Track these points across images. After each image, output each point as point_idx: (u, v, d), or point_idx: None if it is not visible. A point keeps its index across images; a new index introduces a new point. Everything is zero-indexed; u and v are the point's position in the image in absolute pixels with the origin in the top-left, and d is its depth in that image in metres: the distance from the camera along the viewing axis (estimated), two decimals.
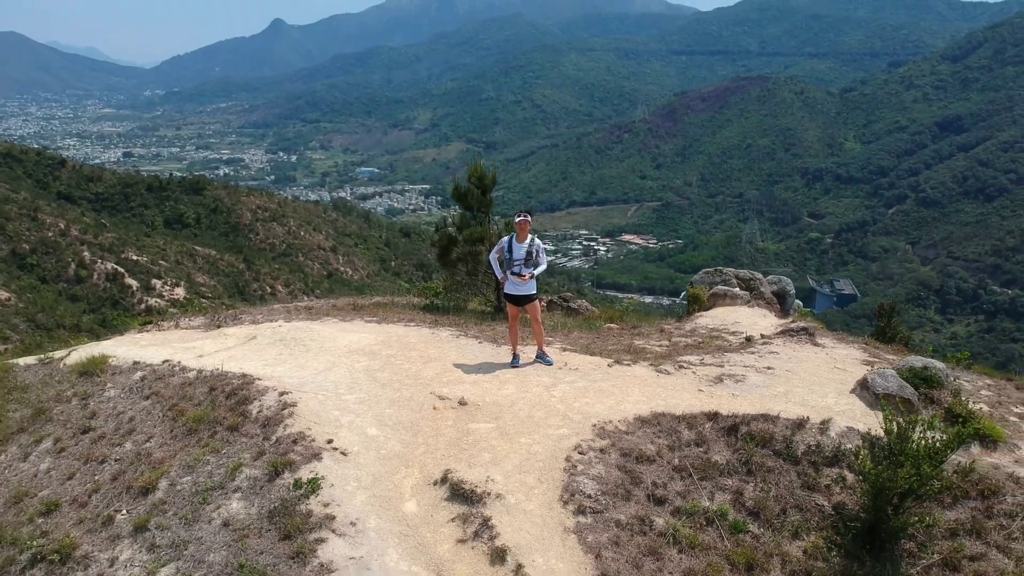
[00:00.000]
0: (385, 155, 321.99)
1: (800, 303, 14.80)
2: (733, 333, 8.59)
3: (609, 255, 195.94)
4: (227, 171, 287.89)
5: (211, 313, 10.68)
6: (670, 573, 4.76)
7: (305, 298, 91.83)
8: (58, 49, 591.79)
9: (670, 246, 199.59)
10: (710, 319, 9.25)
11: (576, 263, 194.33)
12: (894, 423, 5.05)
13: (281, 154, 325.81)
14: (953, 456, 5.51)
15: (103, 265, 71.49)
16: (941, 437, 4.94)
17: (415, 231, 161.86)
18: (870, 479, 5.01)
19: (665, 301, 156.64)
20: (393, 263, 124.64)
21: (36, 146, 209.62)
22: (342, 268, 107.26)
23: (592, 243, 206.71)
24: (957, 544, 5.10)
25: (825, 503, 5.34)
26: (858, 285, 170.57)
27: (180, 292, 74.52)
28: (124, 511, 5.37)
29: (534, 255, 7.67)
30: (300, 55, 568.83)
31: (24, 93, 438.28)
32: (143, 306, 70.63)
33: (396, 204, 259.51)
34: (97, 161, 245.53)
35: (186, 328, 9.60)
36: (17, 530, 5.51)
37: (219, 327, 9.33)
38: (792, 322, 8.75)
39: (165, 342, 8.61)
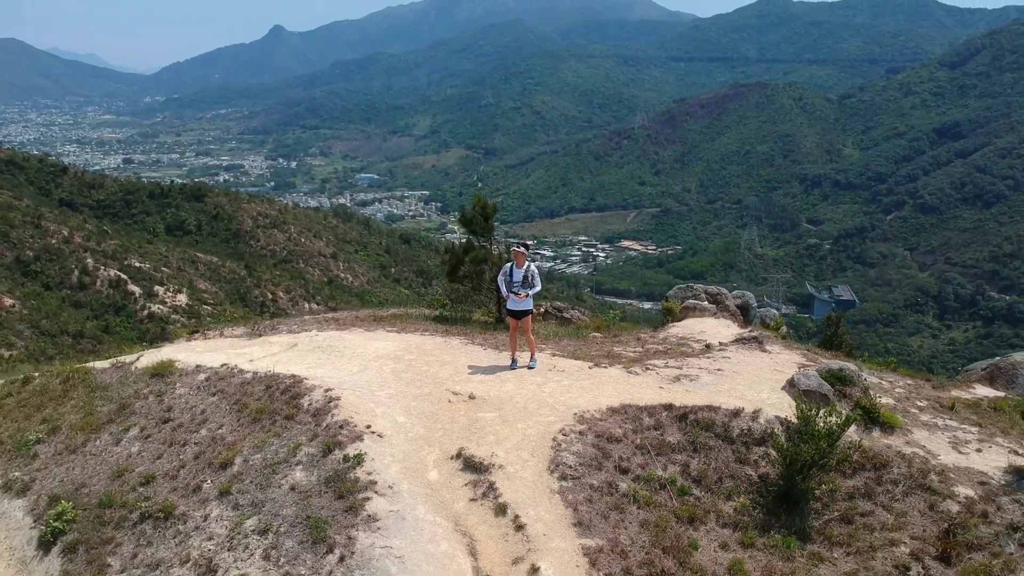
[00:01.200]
0: (385, 161, 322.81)
1: (776, 312, 16.31)
2: (697, 341, 10.17)
3: (608, 261, 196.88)
4: (227, 177, 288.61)
5: (251, 324, 12.22)
6: (629, 523, 6.31)
7: (307, 305, 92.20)
8: (58, 55, 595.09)
9: (669, 252, 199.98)
10: (680, 329, 10.85)
11: (575, 269, 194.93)
12: (803, 411, 6.65)
13: (281, 160, 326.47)
14: (856, 438, 7.12)
15: (106, 272, 71.99)
16: (837, 422, 6.52)
17: (415, 238, 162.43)
18: (784, 454, 6.57)
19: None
20: (393, 269, 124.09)
21: (36, 152, 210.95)
22: (342, 275, 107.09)
23: (591, 249, 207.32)
24: (852, 504, 6.65)
25: (752, 473, 6.89)
26: (857, 291, 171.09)
27: (182, 299, 74.09)
28: (209, 481, 6.88)
29: (530, 279, 9.27)
30: (300, 61, 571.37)
31: (24, 99, 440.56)
32: (146, 313, 70.49)
33: (396, 210, 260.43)
34: (97, 167, 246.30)
35: (230, 337, 11.12)
36: (124, 496, 7.04)
37: (260, 336, 10.87)
38: (748, 332, 10.32)
39: (217, 349, 10.13)
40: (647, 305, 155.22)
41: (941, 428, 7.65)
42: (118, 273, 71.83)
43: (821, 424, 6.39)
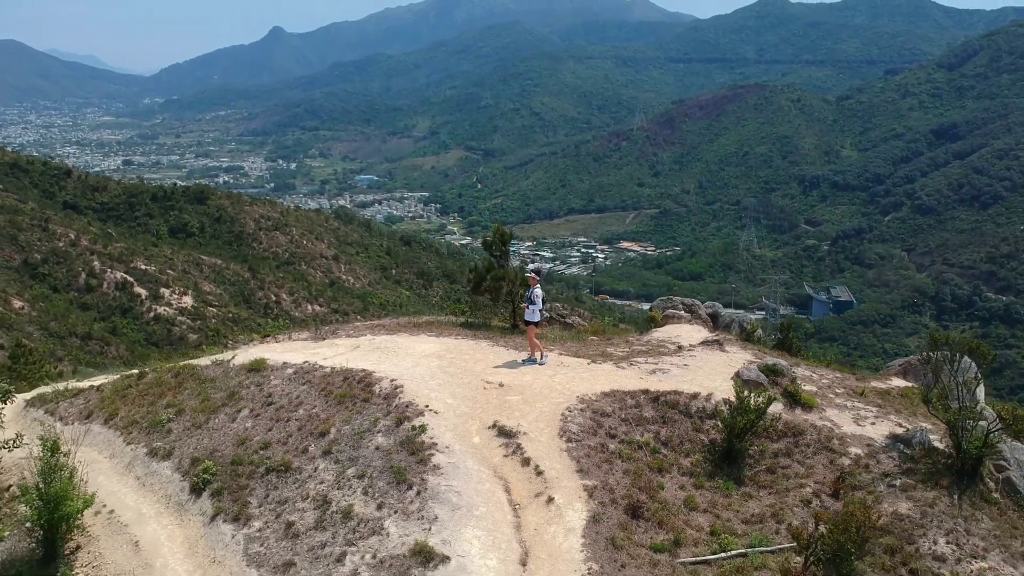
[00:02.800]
0: (384, 163, 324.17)
1: (752, 317, 18.92)
2: (672, 343, 12.83)
3: (608, 262, 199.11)
4: (226, 179, 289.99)
5: (313, 329, 14.90)
6: (616, 471, 8.97)
7: (310, 307, 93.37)
8: (58, 57, 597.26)
9: (668, 253, 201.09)
10: (660, 333, 13.52)
11: (575, 270, 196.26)
12: (739, 394, 9.36)
13: (280, 162, 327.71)
14: (781, 414, 9.86)
15: (112, 274, 73.51)
16: (762, 401, 9.23)
17: (415, 239, 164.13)
18: (726, 423, 9.27)
19: None
20: (394, 271, 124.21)
21: (36, 154, 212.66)
22: (344, 276, 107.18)
23: (590, 250, 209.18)
24: (776, 460, 9.35)
25: (704, 439, 9.58)
26: (855, 292, 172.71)
27: (188, 301, 74.33)
28: (313, 445, 9.54)
29: (536, 302, 12.10)
30: (299, 63, 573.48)
31: (24, 101, 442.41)
32: (152, 315, 70.78)
33: (395, 211, 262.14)
34: (97, 169, 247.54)
35: (297, 340, 13.80)
36: (250, 457, 9.67)
37: (324, 339, 13.52)
38: (713, 335, 13.01)
39: (292, 350, 12.78)
40: (646, 306, 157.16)
41: (849, 408, 10.34)
42: (124, 276, 73.53)
43: (751, 403, 9.05)
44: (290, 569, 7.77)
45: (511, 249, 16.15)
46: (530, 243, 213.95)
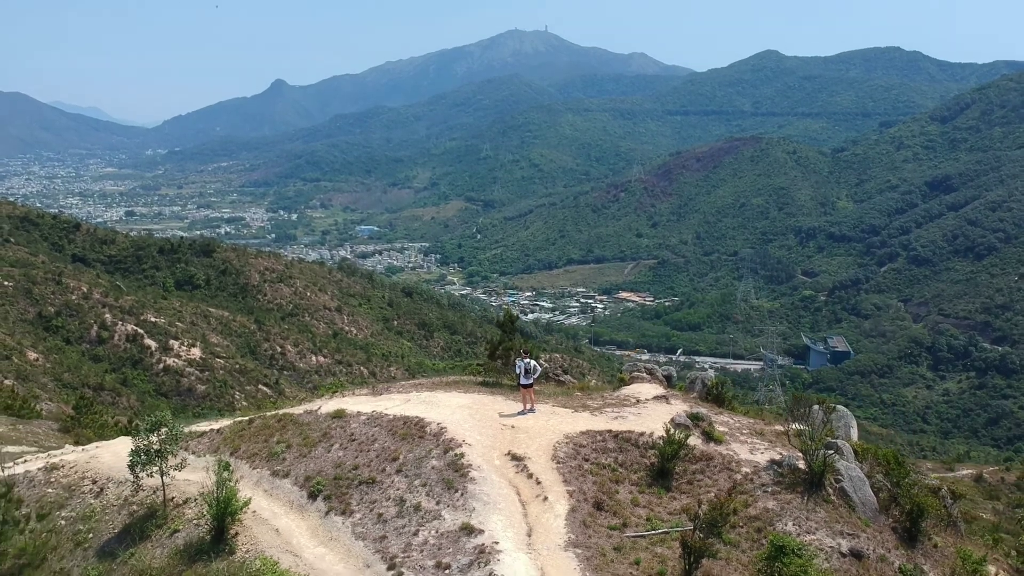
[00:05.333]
0: (384, 213, 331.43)
1: (712, 374, 24.10)
2: (634, 398, 18.05)
3: (606, 312, 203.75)
4: (228, 229, 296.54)
5: (371, 387, 20.17)
6: (588, 481, 14.14)
7: (314, 358, 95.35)
8: (62, 109, 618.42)
9: (667, 304, 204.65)
10: (627, 390, 18.74)
11: (574, 320, 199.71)
12: (669, 432, 14.69)
13: (282, 212, 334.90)
14: (696, 444, 15.15)
15: (123, 327, 75.71)
16: (682, 437, 14.54)
17: (416, 291, 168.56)
18: (660, 451, 14.50)
19: (661, 359, 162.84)
20: (396, 322, 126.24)
21: (39, 205, 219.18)
22: (347, 327, 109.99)
23: (589, 301, 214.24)
24: (693, 475, 14.53)
25: (647, 462, 14.75)
26: (851, 342, 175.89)
27: (196, 352, 76.37)
28: (388, 466, 14.75)
29: (531, 369, 17.36)
30: (301, 115, 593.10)
31: (27, 152, 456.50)
32: (161, 366, 72.17)
33: (395, 262, 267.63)
34: (100, 220, 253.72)
35: (359, 395, 19.01)
36: (345, 474, 14.72)
37: (380, 395, 18.75)
38: (664, 392, 18.28)
39: (359, 403, 17.95)
40: (645, 356, 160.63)
41: (747, 443, 15.51)
42: (135, 328, 75.84)
43: (676, 438, 14.27)
44: (384, 540, 12.87)
45: (512, 299, 21.34)
46: (529, 294, 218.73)
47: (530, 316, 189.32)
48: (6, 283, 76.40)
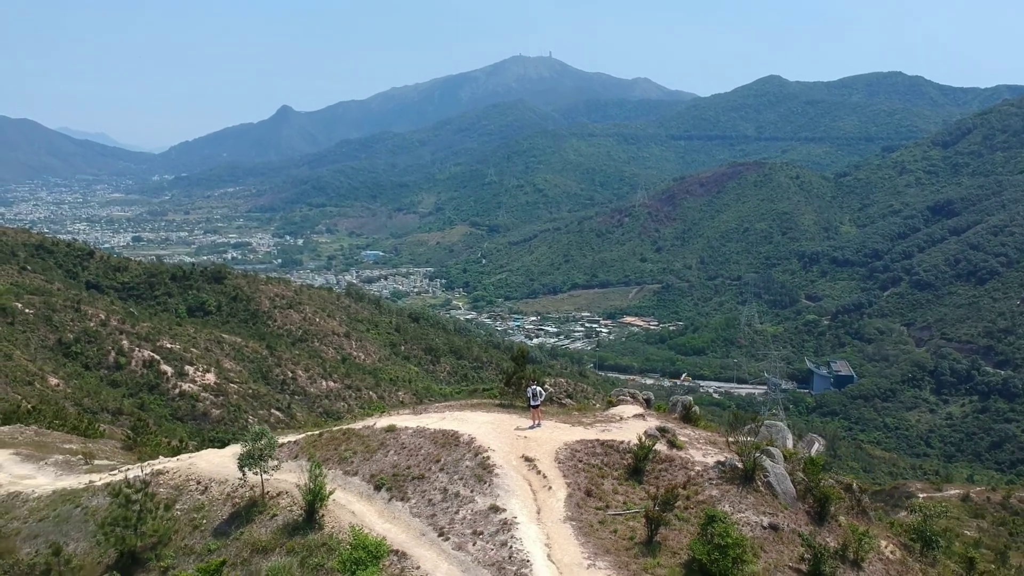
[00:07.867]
0: (390, 238, 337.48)
1: (689, 398, 29.34)
2: (618, 416, 23.52)
3: (611, 337, 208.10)
4: (235, 255, 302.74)
5: (411, 408, 25.76)
6: (581, 476, 19.60)
7: (324, 383, 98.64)
8: (69, 135, 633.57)
9: (671, 328, 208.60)
10: (613, 410, 24.22)
11: (579, 344, 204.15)
12: (641, 441, 20.19)
13: (288, 238, 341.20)
14: (664, 451, 20.70)
15: (140, 353, 79.04)
16: (649, 444, 20.05)
17: (423, 316, 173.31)
18: (634, 454, 19.97)
19: (666, 383, 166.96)
20: (403, 347, 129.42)
21: (47, 231, 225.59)
22: (355, 352, 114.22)
23: (594, 325, 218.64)
24: (659, 472, 20.02)
25: (625, 462, 20.20)
26: (855, 366, 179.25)
27: (211, 378, 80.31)
28: (433, 466, 19.99)
29: (539, 394, 22.92)
30: (307, 141, 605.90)
31: (35, 178, 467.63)
32: (177, 391, 75.70)
33: (401, 287, 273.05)
34: (107, 245, 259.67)
35: (403, 415, 24.53)
36: (401, 472, 20.10)
37: (420, 414, 24.26)
38: (643, 411, 23.77)
39: (404, 420, 23.45)
40: (648, 380, 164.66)
41: (702, 449, 20.93)
42: (152, 354, 79.06)
43: (646, 444, 19.71)
44: (433, 517, 18.30)
45: (517, 324, 26.49)
46: (534, 318, 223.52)
47: (535, 341, 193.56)
48: (27, 310, 79.33)
